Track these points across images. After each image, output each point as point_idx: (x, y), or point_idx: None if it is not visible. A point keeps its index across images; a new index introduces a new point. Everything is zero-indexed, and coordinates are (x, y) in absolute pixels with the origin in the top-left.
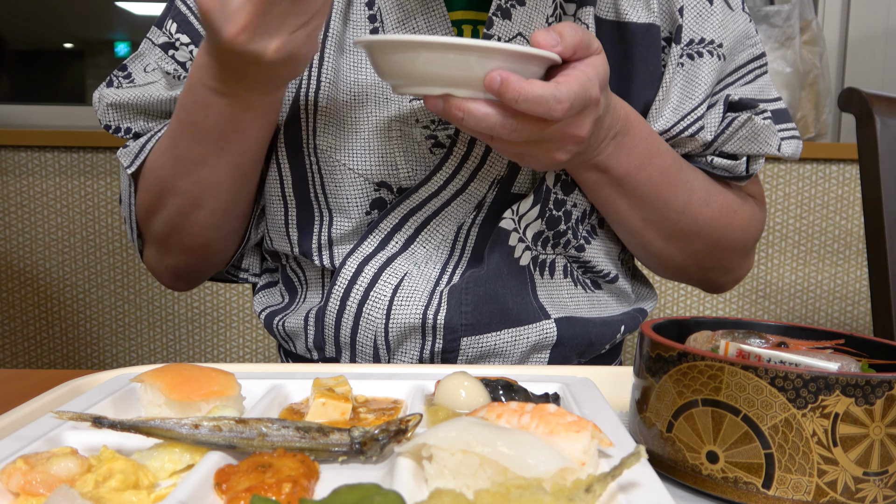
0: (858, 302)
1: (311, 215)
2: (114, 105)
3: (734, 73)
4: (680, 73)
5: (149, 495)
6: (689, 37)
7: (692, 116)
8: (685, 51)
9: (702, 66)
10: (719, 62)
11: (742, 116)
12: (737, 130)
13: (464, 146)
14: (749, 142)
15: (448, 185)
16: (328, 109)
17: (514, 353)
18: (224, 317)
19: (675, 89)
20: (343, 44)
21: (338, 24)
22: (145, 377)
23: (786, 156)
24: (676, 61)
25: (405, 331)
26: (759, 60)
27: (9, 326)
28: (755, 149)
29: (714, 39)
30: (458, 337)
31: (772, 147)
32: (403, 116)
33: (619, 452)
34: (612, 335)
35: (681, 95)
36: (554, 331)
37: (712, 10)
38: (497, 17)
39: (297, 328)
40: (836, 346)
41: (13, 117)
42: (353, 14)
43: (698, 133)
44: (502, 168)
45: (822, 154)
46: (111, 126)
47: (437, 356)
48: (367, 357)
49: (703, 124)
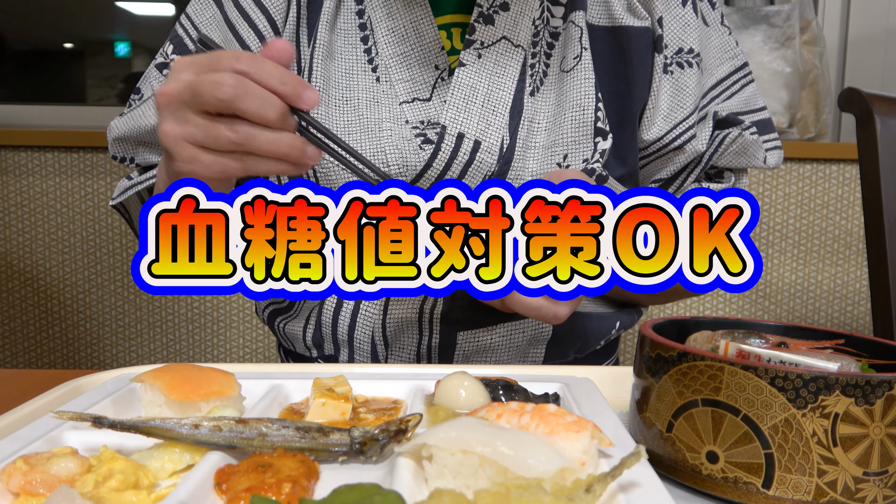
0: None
1: None
2: (118, 139)
3: (717, 86)
4: (668, 80)
5: (149, 495)
6: (676, 45)
7: (683, 126)
8: (674, 59)
9: (689, 76)
10: (698, 72)
11: (733, 133)
12: (729, 146)
13: (452, 142)
14: (739, 156)
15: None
16: (319, 115)
17: (511, 347)
18: (224, 317)
19: (664, 97)
20: (332, 51)
21: (325, 33)
22: (145, 377)
23: (770, 167)
24: (662, 69)
25: (402, 326)
26: (741, 71)
27: (9, 326)
28: (744, 162)
29: (693, 49)
30: (455, 331)
31: (758, 160)
32: (394, 117)
33: (619, 452)
34: (607, 331)
35: (670, 104)
36: (549, 325)
37: (691, 22)
38: (479, 23)
39: (297, 332)
40: (836, 346)
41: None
42: (341, 23)
43: (690, 142)
44: (492, 164)
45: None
46: (117, 157)
47: (433, 351)
48: (365, 352)
49: (694, 133)
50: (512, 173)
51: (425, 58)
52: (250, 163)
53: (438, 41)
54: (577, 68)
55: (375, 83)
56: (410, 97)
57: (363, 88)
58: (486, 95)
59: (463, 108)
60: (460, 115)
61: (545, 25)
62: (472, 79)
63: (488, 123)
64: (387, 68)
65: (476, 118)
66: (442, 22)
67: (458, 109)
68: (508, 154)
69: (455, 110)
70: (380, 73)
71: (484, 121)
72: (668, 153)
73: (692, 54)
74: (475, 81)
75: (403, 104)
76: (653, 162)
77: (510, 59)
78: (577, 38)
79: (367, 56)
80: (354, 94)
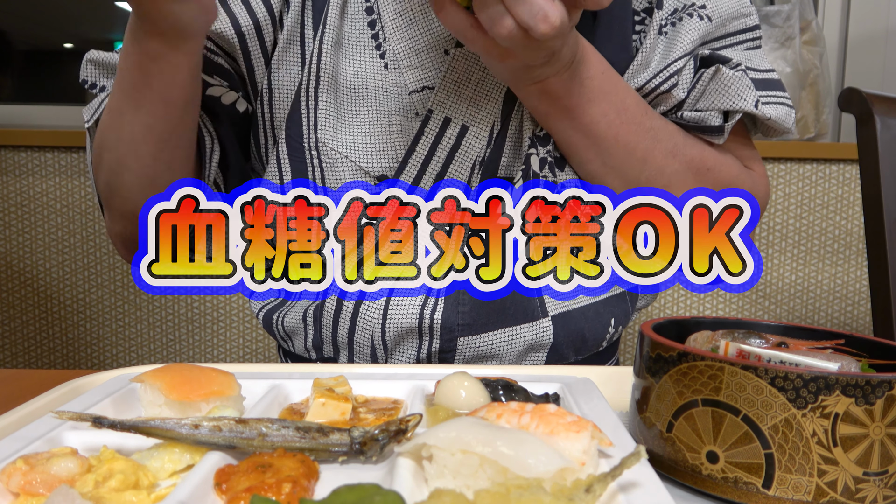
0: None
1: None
2: (93, 60)
3: (721, 38)
4: (662, 41)
5: (149, 495)
6: (673, 6)
7: (666, 72)
8: (669, 19)
9: (682, 28)
10: (703, 23)
11: (711, 68)
12: (707, 83)
13: (437, 126)
14: (721, 95)
15: (427, 169)
16: (328, 103)
17: (511, 352)
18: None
19: (657, 56)
20: (341, 38)
21: (335, 18)
22: (145, 377)
23: (769, 117)
24: (658, 29)
25: (402, 331)
26: (751, 32)
27: (9, 326)
28: (728, 103)
29: (695, 2)
30: (455, 337)
31: (747, 102)
32: (403, 109)
33: (619, 452)
34: (603, 329)
35: (660, 59)
36: (550, 330)
37: None
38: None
39: (297, 326)
40: (836, 346)
41: (13, 117)
42: (349, 8)
43: (672, 90)
44: (481, 149)
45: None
46: (87, 81)
47: (434, 356)
48: (365, 357)
49: (677, 80)
50: (504, 158)
51: (434, 42)
52: None
53: None
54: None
55: (384, 70)
56: (420, 86)
57: (371, 77)
58: (480, 80)
59: (454, 92)
60: (450, 98)
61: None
62: (468, 62)
63: (478, 108)
64: (395, 54)
65: (466, 103)
66: None
67: (448, 93)
68: (500, 140)
69: (445, 93)
70: (388, 59)
71: (474, 105)
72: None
73: (694, 7)
74: (470, 65)
75: (413, 94)
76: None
77: None
78: None
79: (374, 42)
80: (363, 83)
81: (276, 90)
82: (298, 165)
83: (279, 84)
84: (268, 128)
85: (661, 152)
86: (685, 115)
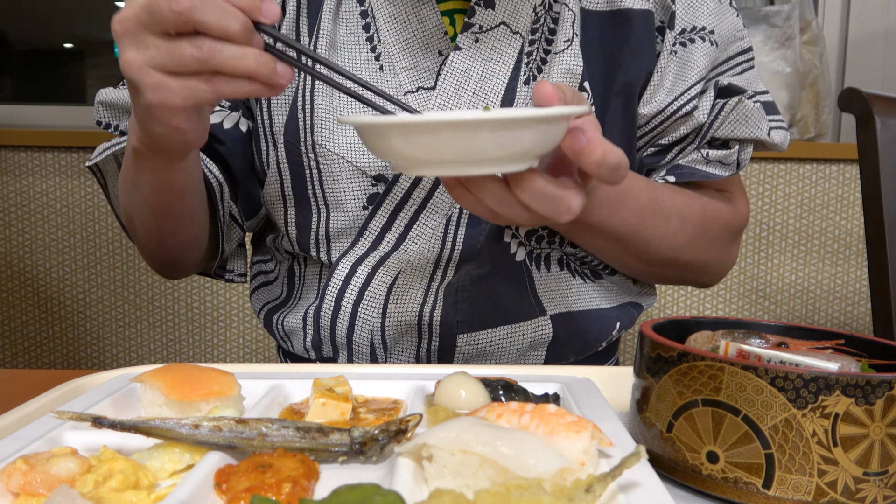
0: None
1: (309, 212)
2: (104, 103)
3: (725, 63)
4: (673, 60)
5: (149, 495)
6: (681, 26)
7: (686, 96)
8: (678, 39)
9: (694, 50)
10: (712, 48)
11: (733, 99)
12: (729, 113)
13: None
14: (741, 125)
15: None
16: (324, 106)
17: (511, 350)
18: (224, 317)
19: (670, 75)
20: (335, 42)
21: (328, 23)
22: (145, 377)
23: (776, 143)
24: (670, 49)
25: (401, 329)
26: (747, 54)
27: (9, 326)
28: (746, 132)
29: (706, 26)
30: (455, 334)
31: (762, 131)
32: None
33: (619, 452)
34: (607, 332)
35: (674, 79)
36: (549, 328)
37: (704, 0)
38: (479, 6)
39: (296, 327)
40: (836, 346)
41: (13, 117)
42: (343, 12)
43: (692, 113)
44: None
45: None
46: (101, 122)
47: (433, 354)
48: (365, 356)
49: (696, 104)
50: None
51: (428, 43)
52: (220, 84)
53: (441, 26)
54: (566, 52)
55: (379, 72)
56: (415, 86)
57: (367, 78)
58: (479, 82)
59: (453, 94)
60: (450, 100)
61: (547, 11)
62: (467, 64)
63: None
64: (390, 56)
65: (465, 105)
66: (445, 8)
67: (447, 95)
68: None
69: (445, 96)
70: (383, 61)
71: (473, 108)
72: (669, 125)
73: (704, 31)
74: (469, 67)
75: (408, 94)
76: (653, 136)
77: (507, 45)
78: (569, 23)
79: (369, 45)
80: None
81: (274, 97)
82: (296, 169)
83: None
84: (268, 133)
85: (673, 230)
86: (711, 154)
